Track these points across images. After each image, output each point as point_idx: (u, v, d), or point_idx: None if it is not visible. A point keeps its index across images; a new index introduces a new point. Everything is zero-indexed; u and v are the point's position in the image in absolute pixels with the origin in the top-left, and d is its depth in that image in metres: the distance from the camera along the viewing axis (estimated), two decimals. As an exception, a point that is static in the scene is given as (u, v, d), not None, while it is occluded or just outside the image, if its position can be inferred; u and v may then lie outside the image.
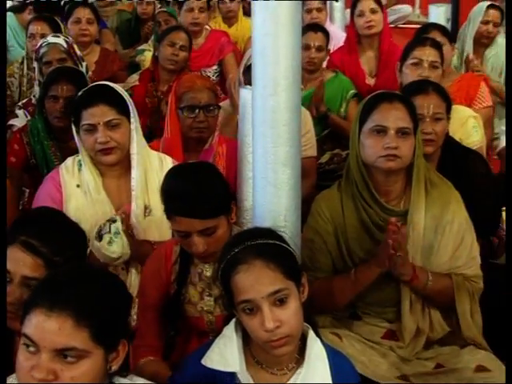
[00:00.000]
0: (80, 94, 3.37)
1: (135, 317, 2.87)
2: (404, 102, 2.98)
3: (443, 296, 2.94)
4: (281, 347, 2.17)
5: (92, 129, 3.19)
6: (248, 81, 4.12)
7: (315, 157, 4.42)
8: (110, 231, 3.06)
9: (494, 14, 5.70)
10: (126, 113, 3.25)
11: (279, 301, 2.16)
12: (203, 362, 2.27)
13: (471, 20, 5.79)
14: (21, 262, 2.39)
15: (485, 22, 5.67)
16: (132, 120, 3.26)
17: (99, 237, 3.06)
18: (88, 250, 2.78)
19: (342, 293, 2.94)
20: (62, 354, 1.83)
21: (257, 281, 2.16)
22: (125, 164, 3.29)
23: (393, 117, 2.89)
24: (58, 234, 2.50)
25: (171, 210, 2.66)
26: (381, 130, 2.88)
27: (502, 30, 5.74)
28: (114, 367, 1.95)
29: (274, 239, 2.26)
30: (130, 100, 3.33)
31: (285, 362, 2.26)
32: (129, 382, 2.05)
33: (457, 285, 2.94)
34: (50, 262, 2.40)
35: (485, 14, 5.70)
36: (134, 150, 3.26)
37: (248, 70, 4.17)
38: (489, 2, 5.85)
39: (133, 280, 3.21)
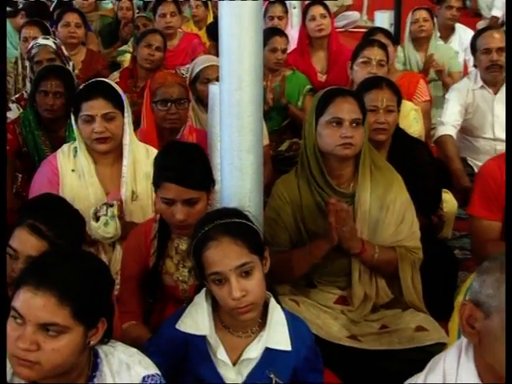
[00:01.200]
0: (81, 87, 3.37)
1: (117, 286, 2.84)
2: (354, 96, 3.00)
3: (389, 266, 2.95)
4: (246, 313, 2.17)
5: (90, 119, 3.18)
6: (194, 92, 4.14)
7: (269, 144, 4.42)
8: (106, 214, 3.06)
9: (421, 13, 5.71)
10: (120, 107, 3.24)
11: (245, 272, 2.15)
12: (177, 326, 2.27)
13: (406, 25, 5.82)
14: (27, 243, 2.39)
15: (414, 21, 5.69)
16: (126, 114, 3.26)
17: (96, 218, 3.05)
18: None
19: (299, 265, 2.94)
20: (44, 327, 1.83)
21: (225, 255, 2.16)
22: (116, 153, 3.27)
23: (347, 109, 2.89)
24: (62, 220, 2.51)
25: (163, 178, 2.63)
26: (337, 122, 2.88)
27: (435, 33, 5.78)
28: (93, 342, 1.94)
29: (240, 218, 2.25)
30: (125, 96, 3.32)
31: (249, 326, 2.26)
32: (110, 349, 2.04)
33: (400, 256, 2.95)
34: (53, 245, 2.40)
35: (412, 15, 5.73)
36: (126, 140, 3.25)
37: (193, 82, 4.18)
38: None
39: (118, 255, 3.20)
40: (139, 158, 3.29)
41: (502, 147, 4.38)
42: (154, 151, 3.33)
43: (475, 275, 1.84)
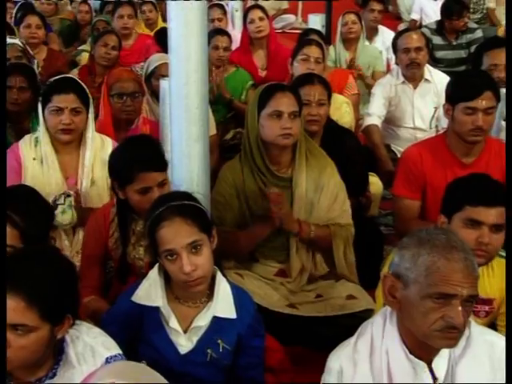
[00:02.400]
0: (52, 81, 3.30)
1: (78, 264, 2.80)
2: (292, 91, 3.01)
3: (324, 242, 2.97)
4: (196, 286, 2.16)
5: (59, 111, 3.13)
6: (150, 87, 4.10)
7: (216, 134, 4.38)
8: (64, 203, 3.00)
9: (350, 16, 5.70)
10: (85, 103, 3.20)
11: (195, 249, 2.14)
12: (133, 299, 2.25)
13: (337, 27, 5.83)
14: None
15: (344, 24, 5.69)
16: (90, 110, 3.22)
17: (54, 206, 2.98)
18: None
19: (246, 244, 2.95)
20: (14, 327, 1.79)
21: (177, 234, 2.14)
22: (76, 143, 3.23)
23: (286, 103, 2.90)
24: (34, 211, 2.46)
25: (138, 169, 2.57)
26: (278, 114, 2.88)
27: (362, 34, 5.79)
28: (59, 336, 1.91)
29: (190, 200, 2.24)
30: (90, 94, 3.28)
31: (198, 297, 2.25)
32: (76, 333, 1.99)
33: (334, 233, 2.97)
34: (25, 234, 2.36)
35: (342, 18, 5.72)
36: (89, 133, 3.22)
37: (148, 78, 4.13)
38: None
39: (80, 236, 3.15)
40: (97, 147, 3.25)
41: (421, 135, 4.44)
42: (108, 140, 3.32)
43: (396, 250, 1.86)
